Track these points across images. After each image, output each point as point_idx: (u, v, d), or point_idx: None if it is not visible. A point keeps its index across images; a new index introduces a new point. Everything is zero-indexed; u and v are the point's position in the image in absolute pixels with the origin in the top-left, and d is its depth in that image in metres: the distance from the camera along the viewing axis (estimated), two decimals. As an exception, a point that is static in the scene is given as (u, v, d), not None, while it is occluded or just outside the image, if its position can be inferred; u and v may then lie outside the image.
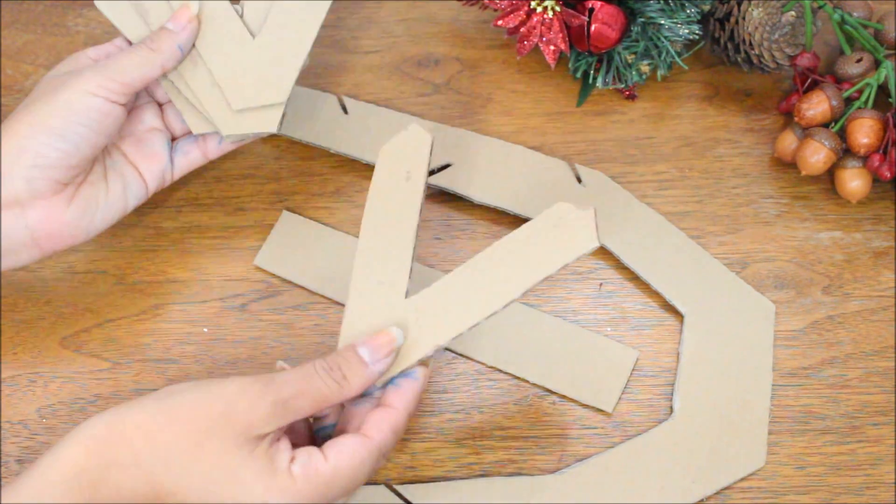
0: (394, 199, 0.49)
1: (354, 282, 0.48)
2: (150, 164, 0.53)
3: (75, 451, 0.40)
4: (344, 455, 0.42)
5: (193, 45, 0.53)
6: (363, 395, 0.46)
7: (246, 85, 0.53)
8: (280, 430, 0.42)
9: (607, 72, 0.60)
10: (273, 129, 0.54)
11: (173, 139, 0.56)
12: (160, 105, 0.56)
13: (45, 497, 0.39)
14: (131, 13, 0.54)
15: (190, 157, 0.55)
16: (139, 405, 0.41)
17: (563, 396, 0.53)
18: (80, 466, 0.40)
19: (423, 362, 0.46)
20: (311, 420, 0.47)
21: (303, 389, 0.42)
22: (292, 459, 0.41)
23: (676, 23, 0.58)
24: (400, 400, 0.44)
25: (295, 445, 0.43)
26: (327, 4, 0.54)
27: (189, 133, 0.56)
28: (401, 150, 0.49)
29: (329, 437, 0.45)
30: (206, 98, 0.53)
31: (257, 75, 0.53)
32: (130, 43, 0.54)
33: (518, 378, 0.54)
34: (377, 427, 0.43)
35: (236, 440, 0.40)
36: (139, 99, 0.55)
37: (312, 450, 0.42)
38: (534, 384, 0.53)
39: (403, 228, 0.48)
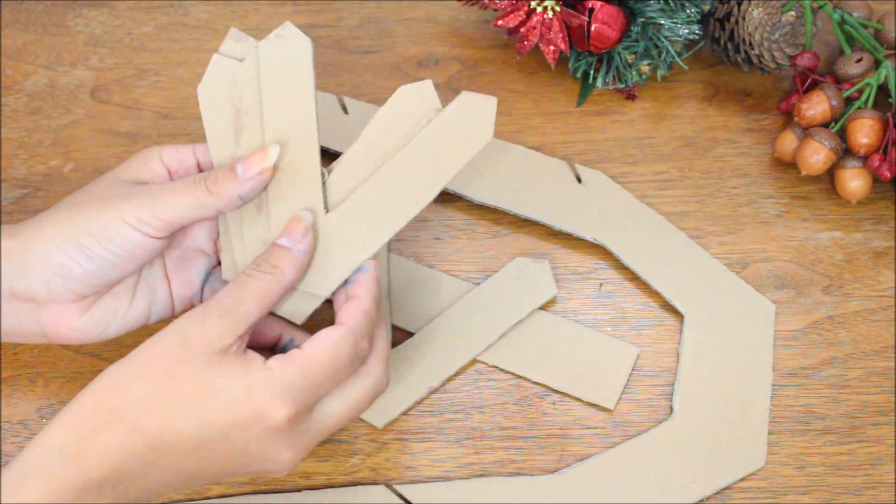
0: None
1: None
2: (182, 287, 0.50)
3: (52, 431, 0.41)
4: (317, 341, 0.43)
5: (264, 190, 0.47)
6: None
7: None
8: (240, 340, 0.42)
9: (607, 72, 0.60)
10: (298, 321, 0.48)
11: (216, 266, 0.51)
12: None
13: (29, 479, 0.39)
14: (227, 119, 0.47)
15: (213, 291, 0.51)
16: (103, 374, 0.42)
17: (564, 395, 0.53)
18: (59, 442, 0.40)
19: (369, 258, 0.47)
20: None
21: (240, 294, 0.43)
22: (266, 359, 0.42)
23: (676, 23, 0.58)
24: (360, 288, 0.45)
25: None
26: (422, 205, 0.46)
27: None
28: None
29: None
30: (253, 252, 0.47)
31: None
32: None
33: (518, 377, 0.54)
34: (347, 314, 0.44)
35: (201, 359, 0.41)
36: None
37: (289, 351, 0.43)
38: (535, 382, 0.53)
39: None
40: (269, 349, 0.48)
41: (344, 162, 0.47)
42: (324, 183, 0.47)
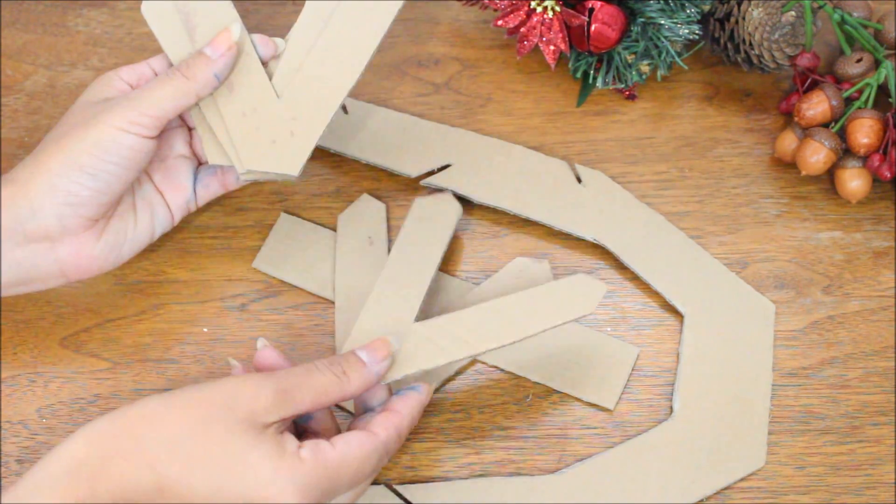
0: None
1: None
2: (175, 195, 0.52)
3: (76, 445, 0.40)
4: (352, 446, 0.42)
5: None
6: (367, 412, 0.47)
7: (262, 148, 0.51)
8: (284, 422, 0.42)
9: (607, 72, 0.60)
10: (294, 173, 0.51)
11: (199, 165, 0.54)
12: (190, 130, 0.54)
13: (45, 492, 0.39)
14: (177, 26, 0.51)
15: (210, 190, 0.54)
16: (141, 401, 0.42)
17: (564, 395, 0.53)
18: (81, 459, 0.40)
19: (426, 381, 0.48)
20: None
21: (304, 381, 0.43)
22: (300, 446, 0.42)
23: (676, 23, 0.58)
24: (404, 406, 0.45)
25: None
26: (359, 70, 0.51)
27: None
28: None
29: (307, 418, 0.46)
30: (235, 128, 0.51)
31: (275, 139, 0.51)
32: (167, 65, 0.52)
33: (518, 377, 0.54)
34: (383, 426, 0.44)
35: (241, 426, 0.41)
36: (170, 122, 0.52)
37: (320, 440, 0.42)
38: (535, 382, 0.53)
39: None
40: None
41: (292, 36, 0.52)
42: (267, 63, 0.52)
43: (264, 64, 0.51)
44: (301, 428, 0.46)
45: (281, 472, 0.40)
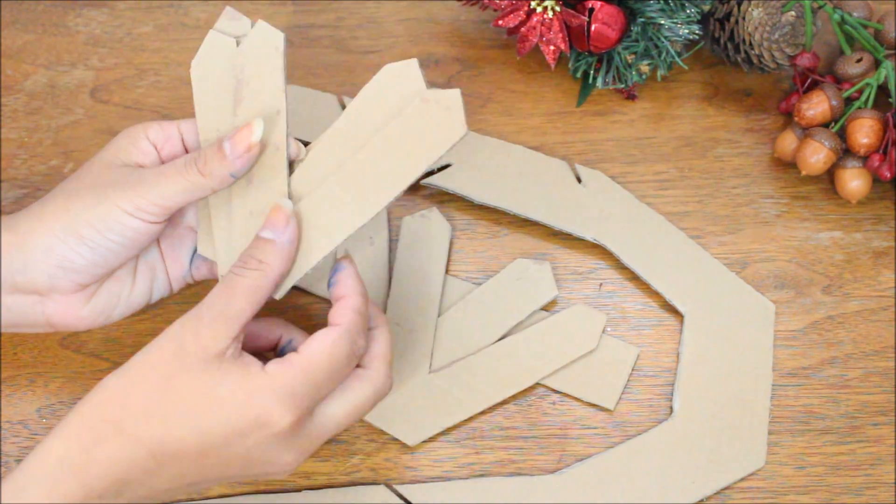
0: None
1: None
2: (175, 267, 0.50)
3: (53, 443, 0.41)
4: (313, 344, 0.42)
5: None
6: None
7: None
8: (235, 341, 0.42)
9: (607, 72, 0.60)
10: (276, 296, 0.46)
11: None
12: None
13: (29, 492, 0.40)
14: (222, 93, 0.47)
15: (201, 272, 0.51)
16: (100, 385, 0.42)
17: (564, 395, 0.53)
18: (60, 457, 0.40)
19: (341, 257, 0.46)
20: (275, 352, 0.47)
21: (231, 294, 0.42)
22: (264, 364, 0.42)
23: (676, 23, 0.58)
24: (345, 287, 0.45)
25: None
26: (383, 204, 0.45)
27: None
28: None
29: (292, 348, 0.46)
30: (239, 228, 0.47)
31: None
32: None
33: (518, 378, 0.54)
34: (338, 314, 0.44)
35: (198, 366, 0.41)
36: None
37: (286, 355, 0.43)
38: (535, 383, 0.53)
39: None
40: (270, 350, 0.48)
41: (323, 140, 0.46)
42: (293, 164, 0.47)
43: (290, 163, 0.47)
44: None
45: (255, 392, 0.41)
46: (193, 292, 0.57)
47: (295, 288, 0.57)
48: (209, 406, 0.41)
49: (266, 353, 0.47)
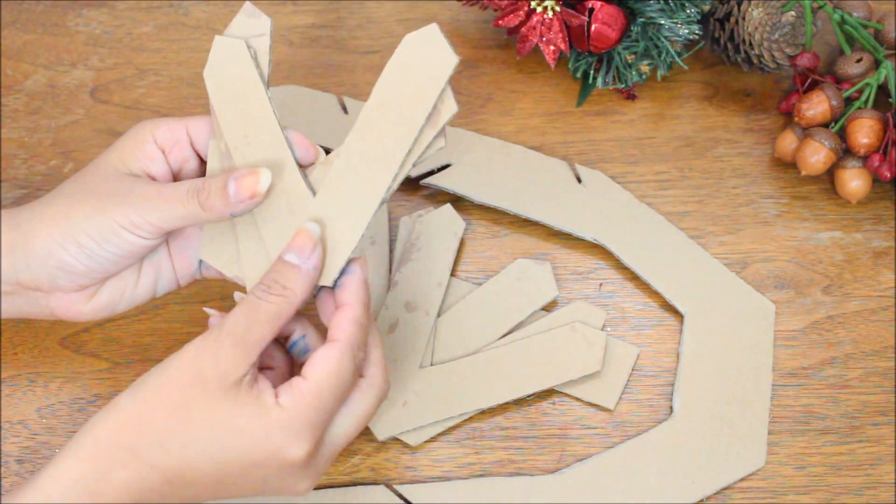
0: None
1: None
2: (183, 265, 0.50)
3: (69, 463, 0.41)
4: (318, 367, 0.42)
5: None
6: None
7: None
8: (253, 367, 0.42)
9: (607, 72, 0.60)
10: (329, 284, 0.46)
11: None
12: None
13: None
14: (241, 96, 0.46)
15: (211, 272, 0.51)
16: (115, 406, 0.42)
17: (564, 395, 0.53)
18: (76, 478, 0.40)
19: (355, 258, 0.46)
20: (282, 342, 0.47)
21: (252, 319, 0.42)
22: (277, 395, 0.42)
23: (676, 23, 0.58)
24: (349, 295, 0.44)
25: (281, 375, 0.45)
26: (396, 165, 0.44)
27: None
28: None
29: (304, 349, 0.46)
30: (270, 237, 0.46)
31: None
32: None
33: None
34: (339, 327, 0.43)
35: (217, 394, 0.41)
36: None
37: (293, 379, 0.42)
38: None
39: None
40: (283, 341, 0.47)
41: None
42: (303, 167, 0.46)
43: (302, 167, 0.46)
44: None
45: (272, 427, 0.41)
46: (194, 292, 0.57)
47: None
48: (227, 437, 0.41)
49: (278, 344, 0.47)
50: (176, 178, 0.48)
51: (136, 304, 0.49)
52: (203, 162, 0.48)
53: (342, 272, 0.45)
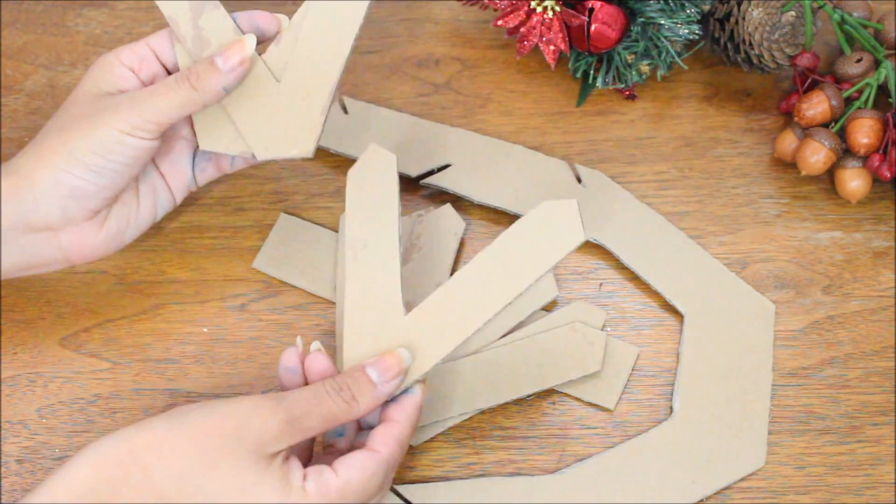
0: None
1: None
2: (176, 178, 0.52)
3: (84, 470, 0.40)
4: (354, 469, 0.42)
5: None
6: None
7: (272, 132, 0.50)
8: (291, 449, 0.42)
9: (607, 72, 0.60)
10: (309, 154, 0.50)
11: (197, 148, 0.53)
12: None
13: None
14: (184, 7, 0.49)
15: (207, 173, 0.53)
16: (148, 426, 0.41)
17: (564, 395, 0.53)
18: (89, 485, 0.40)
19: (419, 380, 0.46)
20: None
21: (313, 408, 0.42)
22: (304, 477, 0.42)
23: (676, 23, 0.58)
24: (402, 414, 0.45)
25: (303, 449, 0.45)
26: (350, 41, 0.49)
27: None
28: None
29: (339, 432, 0.46)
30: (240, 118, 0.50)
31: (283, 122, 0.50)
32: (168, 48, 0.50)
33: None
34: (383, 441, 0.43)
35: (249, 458, 0.40)
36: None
37: (323, 467, 0.42)
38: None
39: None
40: None
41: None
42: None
43: (264, 42, 0.50)
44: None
45: None
46: (194, 292, 0.57)
47: (295, 288, 0.57)
48: (240, 501, 0.40)
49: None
50: None
51: (140, 230, 0.51)
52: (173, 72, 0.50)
53: (405, 391, 0.46)
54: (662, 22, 0.58)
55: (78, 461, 0.40)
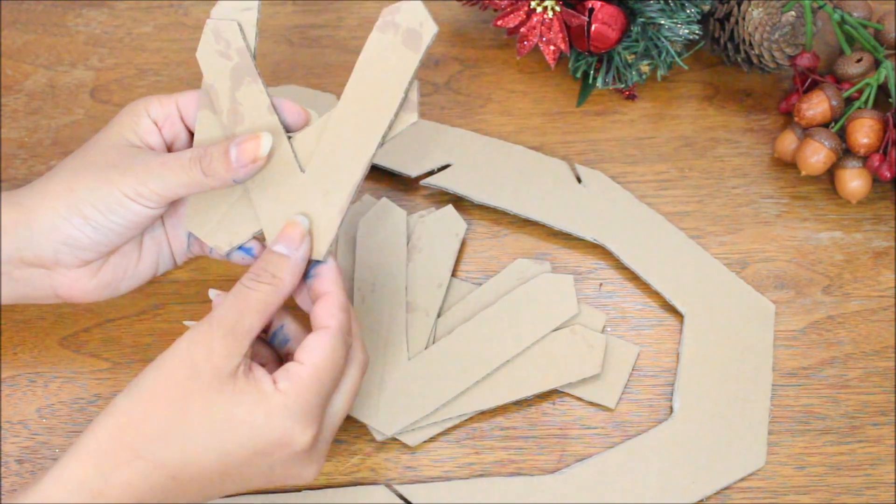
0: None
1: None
2: (177, 242, 0.51)
3: (72, 466, 0.40)
4: (315, 351, 0.42)
5: None
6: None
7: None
8: (245, 357, 0.42)
9: (607, 72, 0.60)
10: (320, 258, 0.46)
11: None
12: None
13: None
14: (225, 76, 0.47)
15: (194, 249, 0.51)
16: (114, 407, 0.42)
17: (564, 395, 0.53)
18: (80, 479, 0.40)
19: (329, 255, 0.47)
20: (263, 337, 0.47)
21: (243, 308, 0.42)
22: (274, 381, 0.42)
23: (676, 23, 0.58)
24: (328, 283, 0.45)
25: (269, 368, 0.45)
26: (374, 144, 0.46)
27: None
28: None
29: (285, 339, 0.46)
30: (262, 208, 0.47)
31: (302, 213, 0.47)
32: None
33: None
34: (327, 314, 0.44)
35: (213, 386, 0.41)
36: None
37: (288, 364, 0.43)
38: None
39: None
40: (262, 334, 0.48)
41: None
42: (290, 138, 0.47)
43: (290, 131, 0.47)
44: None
45: (273, 414, 0.41)
46: (194, 292, 0.57)
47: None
48: (228, 428, 0.41)
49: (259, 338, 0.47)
50: (170, 151, 0.49)
51: (138, 283, 0.50)
52: (192, 137, 0.49)
53: (313, 263, 0.46)
54: (662, 22, 0.58)
55: (65, 462, 0.41)
